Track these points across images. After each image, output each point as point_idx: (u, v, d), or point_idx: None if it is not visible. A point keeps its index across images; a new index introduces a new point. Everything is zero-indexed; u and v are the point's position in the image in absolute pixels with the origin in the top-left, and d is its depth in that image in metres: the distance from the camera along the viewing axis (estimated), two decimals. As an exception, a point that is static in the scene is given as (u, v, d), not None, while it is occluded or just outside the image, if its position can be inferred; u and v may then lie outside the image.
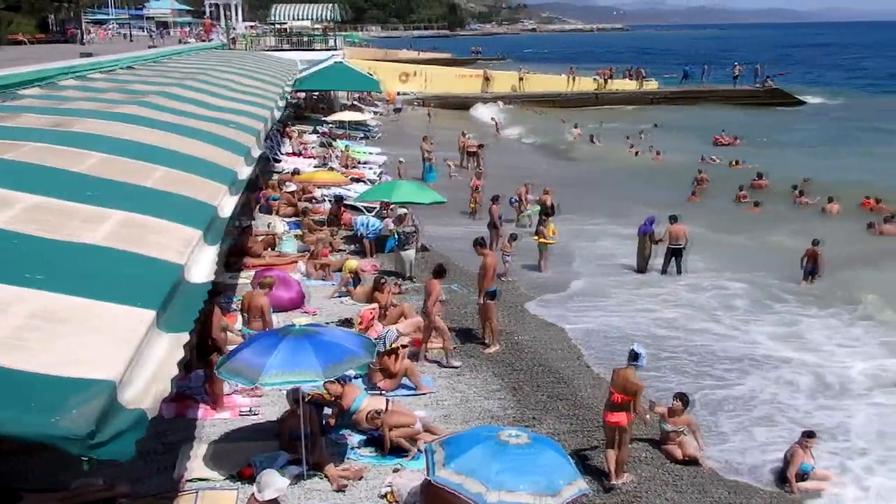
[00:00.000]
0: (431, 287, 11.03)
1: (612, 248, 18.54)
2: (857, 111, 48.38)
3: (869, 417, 10.50)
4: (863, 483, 8.98)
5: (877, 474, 9.16)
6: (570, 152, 33.38)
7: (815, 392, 11.22)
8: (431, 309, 10.91)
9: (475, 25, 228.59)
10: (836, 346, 12.98)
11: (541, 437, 8.45)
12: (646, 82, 52.87)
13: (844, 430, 10.13)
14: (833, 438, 9.88)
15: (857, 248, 18.48)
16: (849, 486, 8.94)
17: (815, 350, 12.81)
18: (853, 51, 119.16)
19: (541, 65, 69.17)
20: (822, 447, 9.31)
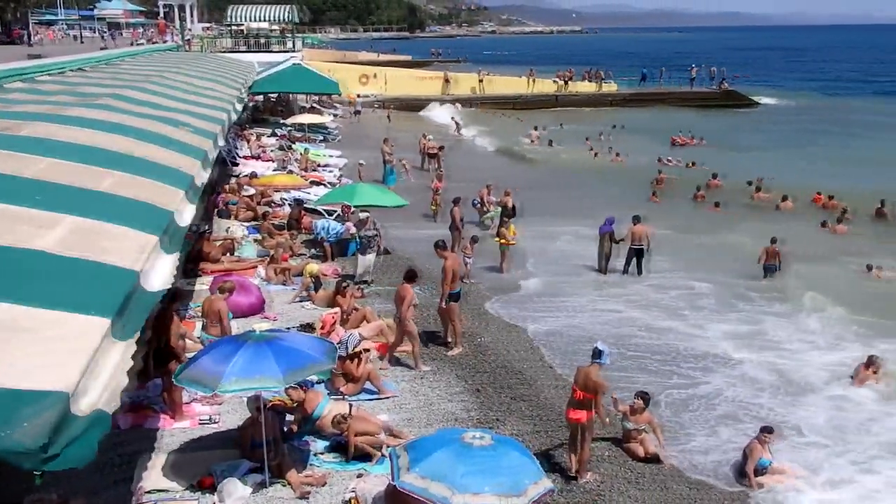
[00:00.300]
0: (405, 291, 10.92)
1: (574, 249, 18.71)
2: (809, 113, 49.59)
3: (827, 412, 10.78)
4: (820, 477, 9.19)
5: (834, 468, 9.40)
6: (529, 154, 33.61)
7: (775, 388, 11.47)
8: (406, 313, 10.86)
9: (435, 27, 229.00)
10: (797, 342, 13.31)
11: (504, 438, 8.50)
12: (605, 84, 53.55)
13: (802, 425, 10.37)
14: (791, 433, 10.12)
15: (813, 246, 18.99)
16: (806, 479, 9.15)
17: (776, 347, 13.11)
18: (808, 54, 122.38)
19: (501, 67, 69.54)
20: (780, 442, 9.53)
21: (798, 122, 45.07)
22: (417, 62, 76.00)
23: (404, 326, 10.96)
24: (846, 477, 9.18)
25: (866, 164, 30.17)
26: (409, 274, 11.41)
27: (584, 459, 8.60)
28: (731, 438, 9.92)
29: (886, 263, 17.42)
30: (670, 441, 9.59)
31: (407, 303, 10.82)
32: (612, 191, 24.95)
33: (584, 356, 10.83)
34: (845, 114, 46.57)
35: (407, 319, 10.89)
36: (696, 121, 43.10)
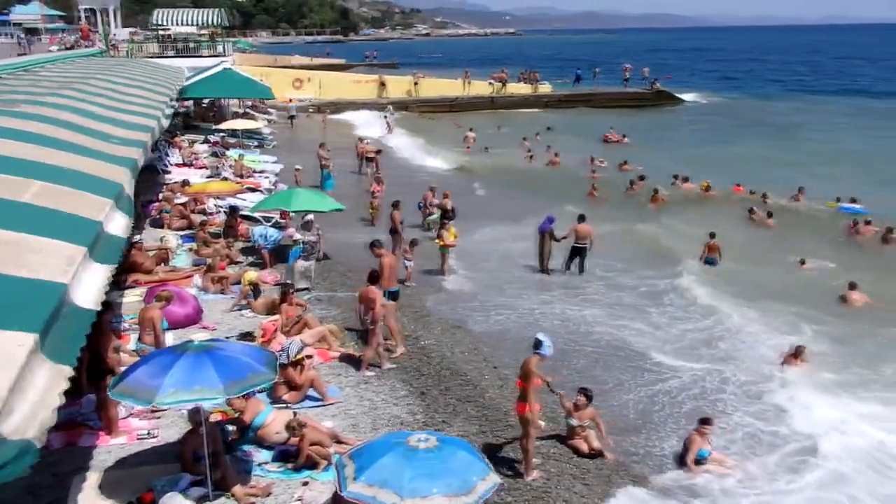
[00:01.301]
0: (372, 293, 10.97)
1: (514, 249, 18.90)
2: (729, 113, 50.97)
3: (758, 401, 11.16)
4: (756, 466, 9.51)
5: (773, 455, 9.74)
6: (467, 156, 33.81)
7: (712, 380, 11.81)
8: (379, 314, 10.89)
9: (368, 30, 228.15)
10: (729, 335, 13.72)
11: (450, 439, 8.53)
12: (539, 86, 54.28)
13: (736, 415, 10.72)
14: (726, 423, 10.45)
15: (747, 240, 19.63)
16: (743, 469, 9.47)
17: (710, 340, 13.51)
18: (731, 54, 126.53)
19: (436, 69, 69.77)
20: (717, 432, 9.84)
21: (718, 120, 46.31)
22: (353, 65, 75.63)
23: (375, 329, 10.97)
24: (781, 466, 9.51)
25: (774, 164, 31.07)
26: (371, 275, 11.43)
27: (526, 450, 8.70)
28: (672, 431, 10.18)
29: (812, 255, 18.22)
30: (614, 436, 9.77)
31: (378, 303, 10.89)
32: (550, 191, 25.31)
33: (526, 354, 10.99)
34: (763, 114, 48.08)
35: (379, 319, 10.94)
36: (629, 120, 44.09)
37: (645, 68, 60.79)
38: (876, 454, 9.71)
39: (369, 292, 11.02)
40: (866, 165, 30.01)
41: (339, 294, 14.52)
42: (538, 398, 8.70)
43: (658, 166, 28.99)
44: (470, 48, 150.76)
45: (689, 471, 9.22)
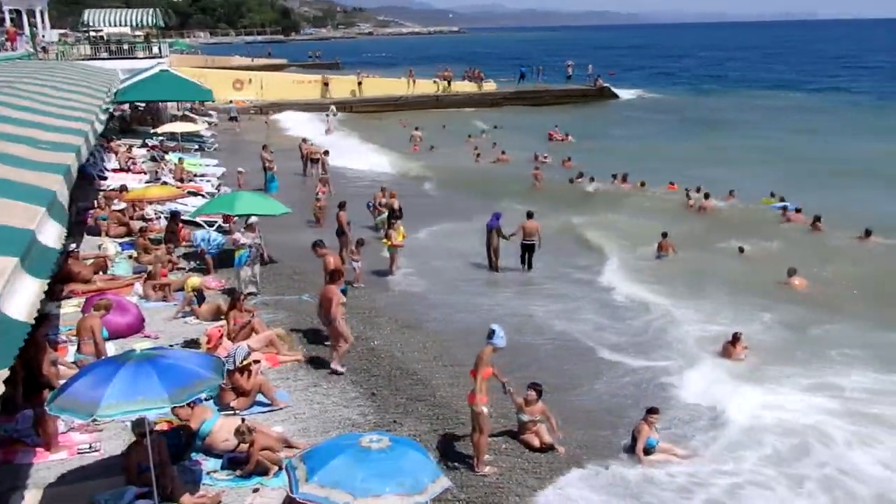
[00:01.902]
0: (331, 293, 10.99)
1: (464, 248, 19.04)
2: (672, 108, 52.19)
3: (701, 390, 11.45)
4: (701, 454, 9.79)
5: (716, 443, 10.02)
6: (413, 156, 33.87)
7: (656, 370, 12.12)
8: (336, 313, 10.87)
9: (310, 30, 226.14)
10: (684, 324, 14.06)
11: (402, 439, 8.58)
12: (484, 84, 54.65)
13: (680, 404, 11.02)
14: (673, 413, 10.73)
15: (684, 231, 20.15)
16: (690, 457, 9.74)
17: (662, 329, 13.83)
18: (674, 51, 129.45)
19: (380, 68, 69.65)
20: (665, 421, 10.10)
21: (659, 117, 47.28)
22: (295, 65, 74.92)
23: (335, 327, 10.99)
24: (724, 452, 9.81)
25: (709, 162, 31.50)
26: (332, 274, 11.44)
27: (478, 445, 8.80)
28: (621, 422, 10.39)
29: (751, 242, 18.91)
30: (565, 430, 9.94)
31: (335, 303, 10.90)
32: (499, 188, 25.53)
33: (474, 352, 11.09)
34: (702, 111, 49.21)
35: (337, 319, 10.92)
36: (572, 117, 44.76)
37: (589, 65, 61.80)
38: (812, 434, 10.08)
39: (328, 291, 11.08)
40: (795, 161, 30.79)
41: (287, 297, 14.42)
42: (488, 389, 8.76)
43: (600, 163, 29.44)
44: (414, 47, 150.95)
45: (639, 460, 9.44)
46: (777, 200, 22.84)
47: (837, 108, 49.88)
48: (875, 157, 31.11)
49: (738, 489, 8.95)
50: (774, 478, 9.16)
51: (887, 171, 27.69)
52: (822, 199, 22.47)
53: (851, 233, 19.31)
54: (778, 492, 8.91)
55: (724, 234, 19.87)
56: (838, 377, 11.75)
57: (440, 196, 25.83)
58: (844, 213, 21.15)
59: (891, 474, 9.23)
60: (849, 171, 28.28)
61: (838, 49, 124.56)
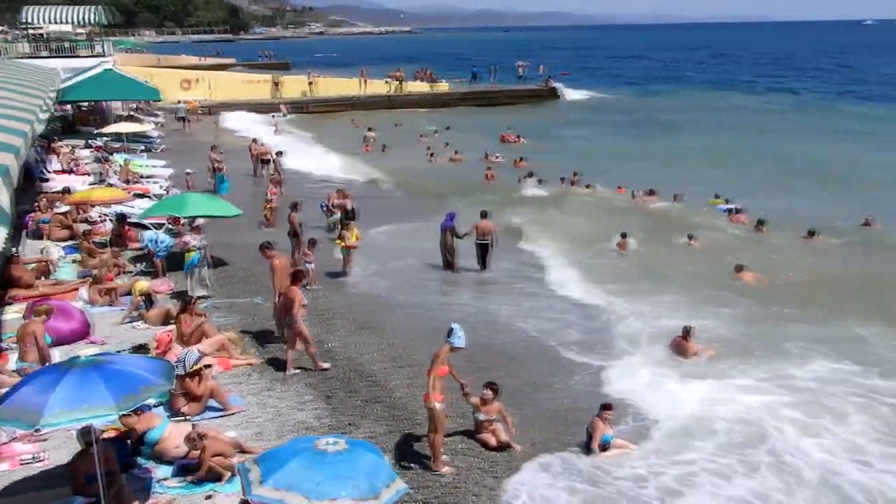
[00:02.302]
0: (293, 294, 10.97)
1: (419, 248, 19.02)
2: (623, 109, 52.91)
3: (654, 384, 11.64)
4: (658, 445, 9.98)
5: (671, 435, 10.20)
6: (366, 156, 33.74)
7: (615, 366, 12.28)
8: (297, 314, 10.87)
9: (260, 29, 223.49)
10: (635, 319, 14.30)
11: (359, 442, 8.53)
12: (437, 84, 54.74)
13: (634, 399, 11.18)
14: (627, 407, 10.90)
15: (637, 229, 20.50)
16: (646, 449, 9.91)
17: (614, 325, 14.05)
18: (626, 52, 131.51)
19: (331, 69, 69.22)
20: (619, 417, 10.26)
21: (610, 118, 47.71)
22: (246, 65, 74.00)
23: (296, 328, 11.00)
24: (678, 445, 10.01)
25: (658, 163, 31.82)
26: (294, 275, 11.45)
27: (434, 444, 8.81)
28: (576, 419, 10.51)
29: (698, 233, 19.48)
30: (523, 428, 10.02)
31: (296, 305, 10.91)
32: (453, 188, 25.62)
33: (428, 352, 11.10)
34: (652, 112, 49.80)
35: (298, 321, 10.94)
36: (524, 118, 45.09)
37: (540, 66, 62.40)
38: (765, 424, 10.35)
39: (290, 292, 11.11)
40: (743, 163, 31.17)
41: (240, 300, 14.23)
42: (443, 388, 8.76)
43: (552, 164, 29.70)
44: (366, 47, 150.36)
45: (595, 456, 9.57)
46: (723, 202, 23.25)
47: (784, 109, 51.22)
48: (820, 157, 31.90)
49: (692, 476, 9.18)
50: (728, 465, 9.40)
51: (831, 172, 28.55)
52: (769, 200, 23.09)
53: (797, 233, 19.76)
54: (731, 479, 9.15)
55: (672, 233, 20.19)
56: (792, 368, 12.10)
57: (394, 196, 25.79)
58: (790, 213, 21.73)
59: (838, 460, 9.54)
60: (795, 171, 28.98)
61: (789, 50, 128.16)
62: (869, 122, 42.76)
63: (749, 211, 21.87)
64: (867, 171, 28.45)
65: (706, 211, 23.07)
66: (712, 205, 23.56)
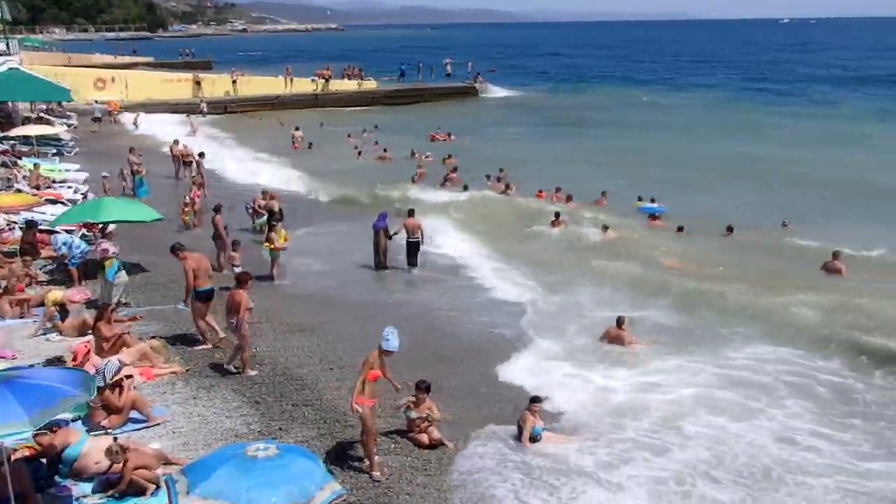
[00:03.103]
0: (239, 297, 11.05)
1: (347, 248, 18.99)
2: (552, 107, 53.40)
3: (588, 374, 11.97)
4: (590, 432, 10.24)
5: (602, 422, 10.50)
6: (294, 156, 33.35)
7: (544, 359, 12.54)
8: (243, 318, 10.96)
9: (179, 26, 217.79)
10: (564, 314, 14.64)
11: (290, 447, 8.51)
12: (364, 82, 54.50)
13: (563, 392, 11.41)
14: (557, 400, 11.13)
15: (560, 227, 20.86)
16: (577, 437, 10.16)
17: (559, 321, 14.29)
18: (555, 48, 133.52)
19: (255, 67, 68.08)
20: (549, 409, 10.50)
21: (540, 115, 48.15)
22: (165, 63, 72.04)
23: (241, 332, 11.03)
24: (610, 431, 10.30)
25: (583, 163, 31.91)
26: (240, 278, 11.49)
27: (365, 446, 8.82)
28: (510, 415, 10.68)
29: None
30: (455, 424, 10.12)
31: (242, 308, 10.96)
32: (380, 187, 25.57)
33: (355, 353, 11.20)
34: (582, 110, 50.32)
35: (243, 324, 11.00)
36: (452, 115, 45.27)
37: (468, 62, 62.84)
38: (697, 405, 10.87)
39: (236, 295, 11.16)
40: (669, 165, 31.04)
41: (161, 307, 13.91)
42: (374, 391, 8.75)
43: (480, 161, 29.87)
44: (291, 44, 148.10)
45: (525, 449, 9.74)
46: (648, 201, 23.27)
47: (707, 105, 52.43)
48: (736, 154, 32.44)
49: (625, 452, 9.62)
50: (660, 443, 9.86)
51: (750, 168, 29.32)
52: (693, 199, 23.67)
53: (716, 230, 20.20)
54: (663, 454, 9.61)
55: (590, 229, 20.51)
56: (727, 352, 12.75)
57: (322, 196, 25.56)
58: (712, 211, 22.19)
59: (764, 437, 10.09)
60: (715, 169, 29.40)
61: (712, 47, 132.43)
62: (785, 118, 44.29)
63: (671, 211, 22.03)
64: (782, 166, 29.35)
65: (631, 213, 23.23)
66: (638, 205, 23.75)
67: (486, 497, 8.64)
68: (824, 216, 21.88)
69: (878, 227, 20.01)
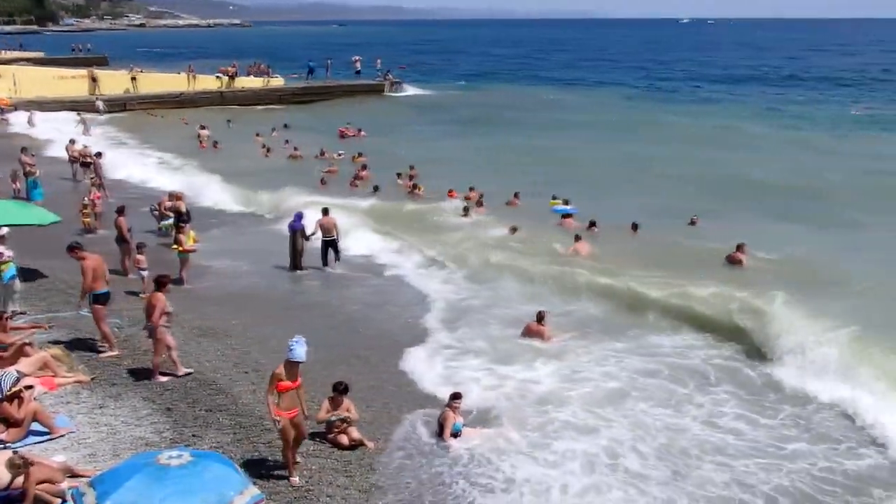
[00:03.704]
0: (156, 300, 10.89)
1: (259, 248, 18.70)
2: (462, 105, 53.51)
3: (511, 368, 12.20)
4: (511, 425, 10.44)
5: (523, 413, 10.74)
6: (200, 156, 32.45)
7: (463, 356, 12.74)
8: (157, 321, 10.75)
9: (71, 20, 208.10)
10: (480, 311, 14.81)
11: (204, 453, 8.31)
12: (272, 79, 53.55)
13: (492, 384, 11.66)
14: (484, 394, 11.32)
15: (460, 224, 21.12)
16: (498, 432, 10.34)
17: (460, 317, 14.49)
18: (466, 46, 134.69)
19: (156, 63, 65.84)
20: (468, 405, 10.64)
21: (446, 114, 48.09)
22: (57, 60, 68.67)
23: (158, 335, 10.84)
24: (531, 422, 10.54)
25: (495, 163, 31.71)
26: (159, 280, 11.23)
27: (286, 457, 8.72)
28: (431, 412, 10.77)
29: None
30: (375, 424, 10.14)
31: (158, 311, 10.78)
32: (294, 185, 25.23)
33: (271, 355, 11.14)
34: (491, 109, 50.20)
35: (158, 328, 10.80)
36: (362, 113, 45.02)
37: (378, 60, 62.59)
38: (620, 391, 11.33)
39: (153, 298, 10.98)
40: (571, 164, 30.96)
41: (63, 314, 13.32)
42: (293, 402, 8.48)
43: (391, 160, 29.79)
44: (192, 40, 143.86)
45: (447, 446, 9.86)
46: (562, 202, 23.34)
47: (600, 104, 53.07)
48: (627, 154, 32.65)
49: (554, 433, 9.99)
50: (587, 425, 10.26)
51: (636, 167, 29.66)
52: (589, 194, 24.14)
53: (622, 227, 20.35)
54: (588, 435, 10.01)
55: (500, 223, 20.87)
56: (645, 340, 13.33)
57: (231, 196, 24.96)
58: (611, 208, 22.49)
59: (686, 420, 10.61)
60: (609, 168, 29.60)
61: (615, 46, 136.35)
62: (681, 117, 45.37)
63: (581, 213, 22.06)
64: (676, 164, 29.69)
65: (545, 212, 23.31)
66: (553, 205, 23.85)
67: (409, 495, 8.70)
68: (727, 213, 22.57)
69: (770, 223, 21.05)
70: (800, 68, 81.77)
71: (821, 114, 46.58)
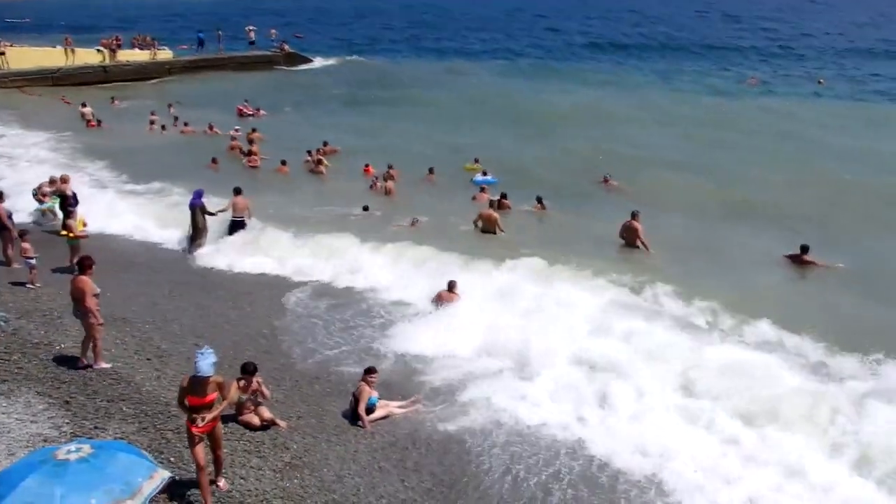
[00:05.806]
0: (83, 283, 10.51)
1: (155, 230, 18.10)
2: (363, 74, 52.92)
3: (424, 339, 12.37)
4: (425, 397, 10.64)
5: (436, 384, 10.97)
6: (86, 134, 30.84)
7: (384, 326, 12.91)
8: (91, 306, 10.45)
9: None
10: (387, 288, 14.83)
11: (106, 443, 8.11)
12: (158, 52, 51.26)
13: (405, 354, 11.85)
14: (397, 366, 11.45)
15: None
16: (412, 404, 10.51)
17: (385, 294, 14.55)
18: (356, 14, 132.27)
19: (25, 36, 61.75)
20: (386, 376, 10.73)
21: (352, 83, 47.28)
22: None
23: (89, 320, 10.49)
24: (445, 393, 10.76)
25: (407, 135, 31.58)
26: (83, 262, 10.78)
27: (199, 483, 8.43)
28: (344, 388, 10.80)
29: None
30: (284, 404, 10.07)
31: (87, 295, 10.46)
32: (185, 162, 24.48)
33: (174, 339, 11.16)
34: (392, 79, 49.29)
35: (92, 312, 10.46)
36: (259, 85, 43.76)
37: (272, 29, 60.81)
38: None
39: (79, 282, 10.51)
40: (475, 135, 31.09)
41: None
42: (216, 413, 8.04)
43: (290, 136, 29.14)
44: (62, 10, 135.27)
45: (362, 420, 9.93)
46: (480, 172, 23.37)
47: (492, 74, 53.32)
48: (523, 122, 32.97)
49: (463, 409, 10.26)
50: (512, 386, 10.77)
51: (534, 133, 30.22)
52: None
53: (529, 205, 20.52)
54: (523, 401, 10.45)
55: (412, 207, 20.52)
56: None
57: (123, 176, 23.87)
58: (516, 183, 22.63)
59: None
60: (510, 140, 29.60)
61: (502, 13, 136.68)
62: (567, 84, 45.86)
63: (496, 186, 21.99)
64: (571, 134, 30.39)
65: (462, 179, 23.34)
66: (468, 170, 23.98)
67: (326, 472, 8.72)
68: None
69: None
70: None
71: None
